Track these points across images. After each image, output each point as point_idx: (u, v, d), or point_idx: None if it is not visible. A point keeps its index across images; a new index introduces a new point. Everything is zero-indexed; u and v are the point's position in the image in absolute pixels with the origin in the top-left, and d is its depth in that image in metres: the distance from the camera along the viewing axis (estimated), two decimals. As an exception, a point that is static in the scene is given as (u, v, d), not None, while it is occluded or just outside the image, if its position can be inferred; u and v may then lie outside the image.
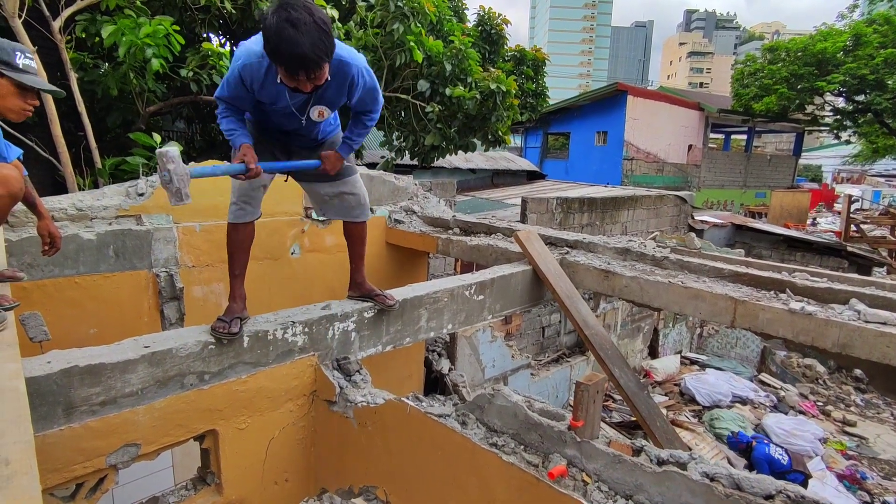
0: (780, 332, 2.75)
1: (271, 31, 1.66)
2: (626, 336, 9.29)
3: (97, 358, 1.78)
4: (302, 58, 1.67)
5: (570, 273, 3.63)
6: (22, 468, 1.14)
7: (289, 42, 1.63)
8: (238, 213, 2.26)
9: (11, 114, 1.74)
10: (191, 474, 3.27)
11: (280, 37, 1.63)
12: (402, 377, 5.68)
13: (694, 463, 1.60)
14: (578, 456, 1.75)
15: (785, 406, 8.92)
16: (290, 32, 1.62)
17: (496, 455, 1.84)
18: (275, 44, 1.67)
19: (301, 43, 1.63)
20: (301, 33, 1.63)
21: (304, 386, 2.37)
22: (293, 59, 1.67)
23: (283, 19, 1.62)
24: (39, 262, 3.31)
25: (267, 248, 4.33)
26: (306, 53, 1.66)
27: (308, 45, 1.65)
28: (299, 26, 1.62)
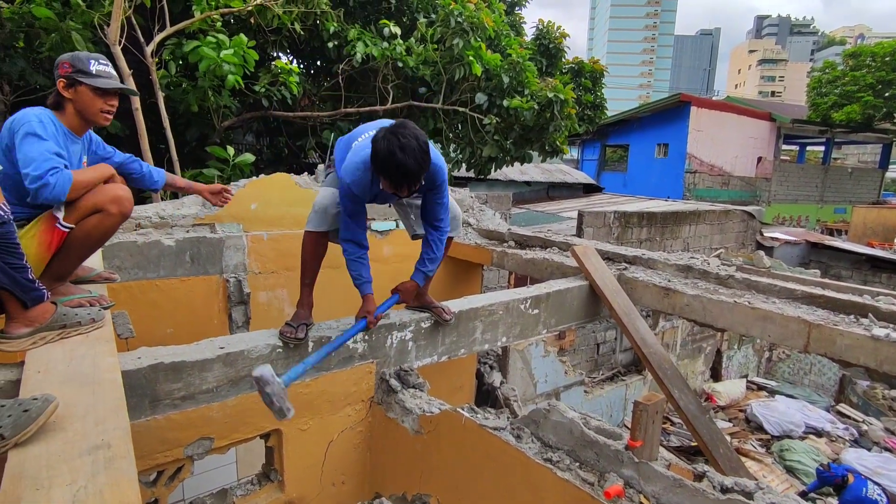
0: (861, 360, 2.57)
1: (383, 152, 1.91)
2: (686, 356, 8.88)
3: (179, 356, 1.93)
4: (408, 175, 1.93)
5: (627, 290, 3.55)
6: (121, 452, 1.27)
7: (398, 165, 1.90)
8: (317, 222, 2.32)
9: (97, 117, 1.91)
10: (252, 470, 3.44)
11: (392, 159, 1.89)
12: (454, 388, 5.71)
13: (761, 493, 1.53)
14: (636, 477, 1.72)
15: (867, 441, 8.19)
16: (398, 156, 1.88)
17: (550, 470, 1.83)
18: (386, 164, 1.92)
19: (409, 165, 1.90)
20: (408, 157, 1.89)
21: (362, 391, 2.45)
22: (401, 177, 1.94)
23: (396, 146, 1.89)
24: (126, 265, 3.62)
25: (328, 258, 4.49)
26: (412, 171, 1.92)
27: (414, 166, 1.91)
28: (407, 151, 1.89)
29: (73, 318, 1.76)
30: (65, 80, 1.85)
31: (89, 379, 1.56)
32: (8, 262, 1.52)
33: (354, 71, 6.06)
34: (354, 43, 5.71)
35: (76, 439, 1.30)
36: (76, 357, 1.66)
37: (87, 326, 1.79)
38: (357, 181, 2.10)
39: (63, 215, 1.80)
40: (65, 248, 1.85)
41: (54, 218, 1.79)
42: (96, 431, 1.34)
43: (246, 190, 4.11)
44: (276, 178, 4.25)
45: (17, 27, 4.37)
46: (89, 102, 1.88)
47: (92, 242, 1.91)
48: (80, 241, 1.86)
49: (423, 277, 2.44)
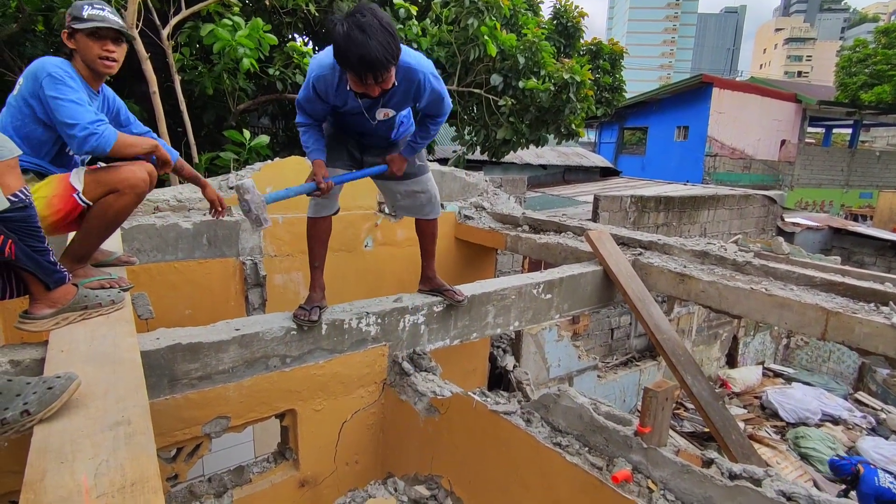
0: (881, 349, 2.52)
1: (340, 36, 1.73)
2: (702, 342, 8.81)
3: (196, 337, 1.98)
4: (370, 61, 1.72)
5: (642, 275, 3.52)
6: (140, 429, 1.31)
7: (357, 45, 1.69)
8: (316, 208, 2.39)
9: (97, 64, 1.85)
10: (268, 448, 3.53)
11: (349, 41, 1.71)
12: (466, 371, 5.76)
13: (770, 480, 1.52)
14: (644, 462, 1.73)
15: (885, 430, 8.09)
16: (357, 36, 1.69)
17: (560, 455, 1.85)
18: (344, 48, 1.74)
19: (369, 46, 1.69)
20: (369, 37, 1.69)
21: (375, 374, 2.49)
22: (362, 62, 1.73)
23: (352, 24, 1.70)
24: (146, 247, 3.69)
25: (342, 241, 4.54)
26: (374, 56, 1.71)
27: (375, 47, 1.70)
28: (367, 30, 1.69)
29: (93, 300, 1.81)
30: (67, 31, 1.83)
31: (110, 358, 1.61)
32: (30, 245, 1.57)
33: (369, 53, 6.01)
34: (369, 24, 5.65)
35: (98, 416, 1.35)
36: (97, 337, 1.71)
37: (108, 308, 1.84)
38: (322, 77, 1.95)
39: (82, 188, 1.79)
40: (83, 229, 1.88)
41: (72, 188, 1.78)
42: (117, 409, 1.39)
43: (261, 173, 4.14)
44: (290, 161, 4.27)
45: (37, 11, 4.42)
46: (86, 49, 1.83)
47: (108, 222, 1.90)
48: (97, 220, 1.87)
49: (412, 151, 2.33)
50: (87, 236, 1.91)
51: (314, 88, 2.03)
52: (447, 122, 7.22)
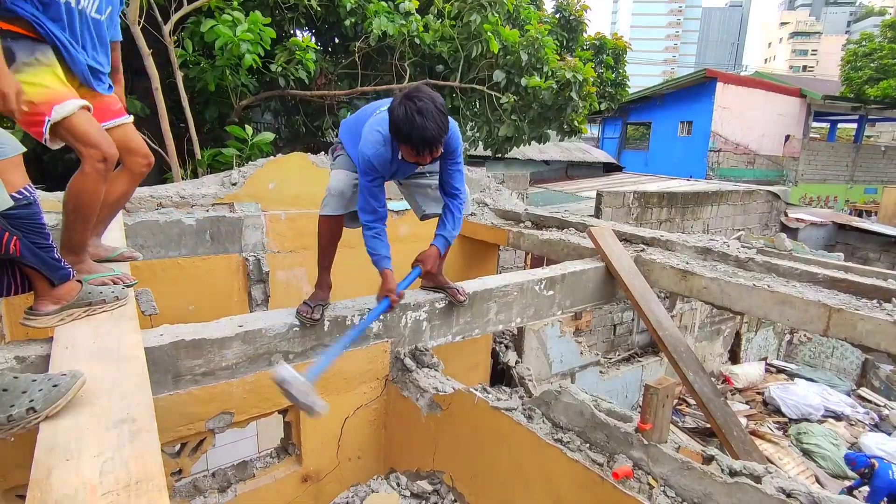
0: (883, 346, 2.52)
1: (401, 119, 1.91)
2: (705, 339, 8.81)
3: (200, 333, 1.99)
4: (429, 140, 1.93)
5: (644, 271, 3.52)
6: (144, 426, 1.33)
7: (419, 129, 1.90)
8: (331, 206, 2.32)
9: None
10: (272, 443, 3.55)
11: (412, 125, 1.90)
12: (469, 367, 5.77)
13: (769, 477, 1.53)
14: (645, 459, 1.73)
15: (888, 426, 8.08)
16: (418, 120, 1.89)
17: (561, 451, 1.86)
18: (406, 131, 1.92)
19: (429, 128, 1.90)
20: (426, 119, 1.89)
21: (377, 370, 2.50)
22: (422, 142, 1.93)
23: (413, 110, 1.89)
24: (149, 243, 3.71)
25: (344, 237, 4.54)
26: (432, 135, 1.92)
27: (433, 128, 1.91)
28: (425, 114, 1.89)
29: (97, 296, 1.82)
30: None
31: (114, 355, 1.62)
32: (35, 242, 1.58)
33: (371, 48, 6.00)
34: (371, 19, 5.64)
35: (103, 413, 1.36)
36: (102, 334, 1.72)
37: (112, 304, 1.85)
38: (378, 155, 2.09)
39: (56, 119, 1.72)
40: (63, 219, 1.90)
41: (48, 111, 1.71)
42: (121, 406, 1.40)
43: (264, 170, 4.14)
44: (292, 157, 4.27)
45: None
46: None
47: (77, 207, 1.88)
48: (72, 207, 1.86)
49: (444, 243, 2.40)
50: (72, 225, 1.91)
51: (374, 165, 2.11)
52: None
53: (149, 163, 2.18)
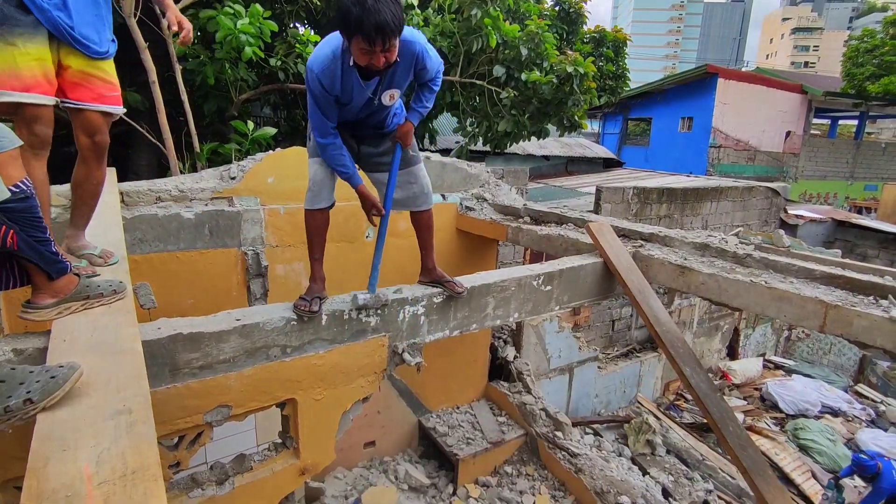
0: (879, 342, 2.53)
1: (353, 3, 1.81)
2: (703, 334, 8.83)
3: (197, 327, 2.00)
4: (382, 25, 1.81)
5: (643, 267, 3.52)
6: (141, 418, 1.33)
7: (370, 11, 1.79)
8: (313, 200, 2.37)
9: None
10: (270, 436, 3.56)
11: (363, 9, 1.79)
12: (468, 361, 5.80)
13: None
14: None
15: (884, 422, 8.12)
16: (371, 4, 1.79)
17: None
18: (357, 14, 1.81)
19: (382, 11, 1.80)
20: (380, 3, 1.80)
21: (375, 364, 2.51)
22: (376, 28, 1.81)
23: None
24: (148, 237, 3.71)
25: (343, 232, 4.55)
26: (386, 20, 1.81)
27: (388, 13, 1.81)
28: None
29: (95, 290, 1.82)
30: None
31: (112, 348, 1.63)
32: (32, 236, 1.58)
33: (371, 43, 5.97)
34: (371, 14, 5.61)
35: (99, 405, 1.37)
36: (99, 327, 1.73)
37: (109, 297, 1.85)
38: (326, 70, 2.01)
39: None
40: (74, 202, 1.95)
41: None
42: (118, 398, 1.41)
43: (262, 164, 4.14)
44: (291, 151, 4.27)
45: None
46: None
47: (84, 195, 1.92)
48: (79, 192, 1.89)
49: (418, 116, 2.38)
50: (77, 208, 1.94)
51: (321, 84, 2.05)
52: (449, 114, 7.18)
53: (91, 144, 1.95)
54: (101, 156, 1.99)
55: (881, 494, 4.99)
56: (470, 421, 5.70)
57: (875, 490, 5.03)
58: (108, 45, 1.91)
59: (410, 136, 2.40)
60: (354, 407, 2.48)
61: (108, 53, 1.90)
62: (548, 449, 5.41)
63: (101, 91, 1.88)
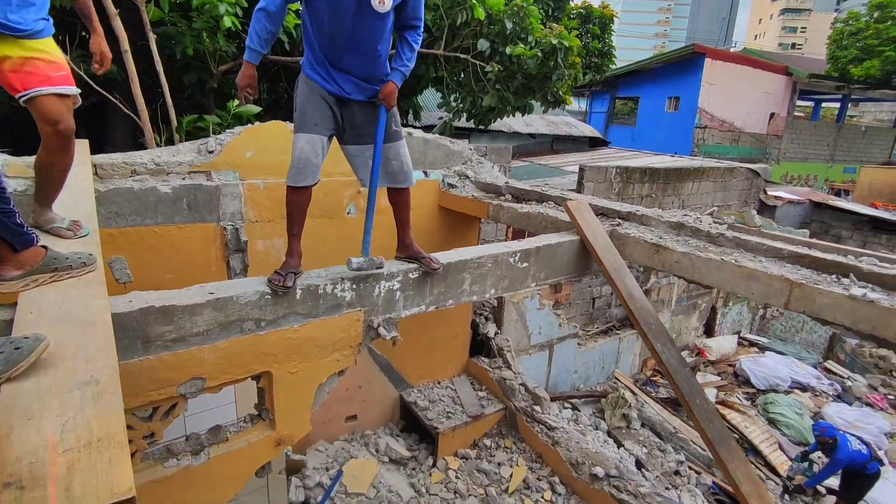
0: (838, 319, 2.62)
1: None
2: (681, 312, 9.02)
3: (170, 300, 2.00)
4: None
5: (619, 245, 3.58)
6: (109, 388, 1.34)
7: None
8: (297, 177, 2.33)
9: None
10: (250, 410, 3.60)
11: None
12: (448, 337, 5.87)
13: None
14: None
15: (850, 396, 8.44)
16: None
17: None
18: None
19: None
20: None
21: (350, 338, 2.54)
22: None
23: None
24: (125, 211, 3.65)
25: (324, 208, 4.52)
26: None
27: None
28: None
29: (63, 262, 1.80)
30: None
31: (80, 320, 1.62)
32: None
33: (354, 14, 5.84)
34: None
35: (66, 376, 1.37)
36: (68, 299, 1.72)
37: (79, 270, 1.83)
38: None
39: None
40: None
41: None
42: (86, 369, 1.41)
43: (241, 138, 4.08)
44: (271, 125, 4.20)
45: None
46: None
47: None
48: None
49: (401, 76, 2.38)
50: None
51: None
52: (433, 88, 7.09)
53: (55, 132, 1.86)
54: (68, 143, 1.91)
55: (837, 465, 5.25)
56: (450, 395, 5.80)
57: (832, 461, 5.29)
58: (43, 25, 1.82)
59: (394, 97, 2.37)
60: (330, 380, 2.52)
61: (43, 32, 1.82)
62: (526, 422, 5.54)
63: (46, 73, 1.80)
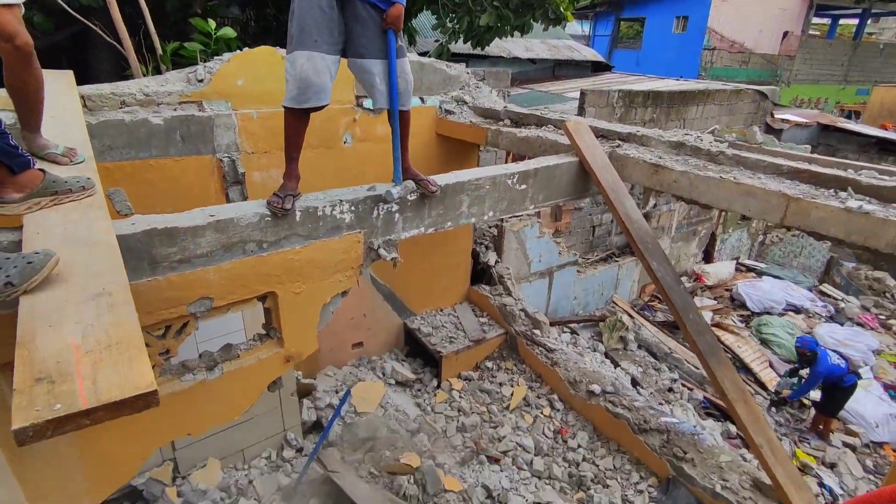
0: (832, 232, 2.65)
1: None
2: (681, 239, 9.08)
3: (172, 223, 2.04)
4: None
5: (618, 167, 3.56)
6: (122, 300, 1.41)
7: None
8: (298, 98, 2.22)
9: None
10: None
11: None
12: (450, 266, 5.97)
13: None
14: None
15: (842, 317, 8.68)
16: None
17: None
18: None
19: None
20: None
21: (351, 260, 2.60)
22: None
23: None
24: (117, 144, 3.62)
25: (321, 136, 4.46)
26: None
27: None
28: None
29: (63, 186, 1.82)
30: None
31: (86, 240, 1.67)
32: (-13, 128, 1.55)
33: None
34: None
35: (79, 289, 1.44)
36: (71, 221, 1.76)
37: (78, 193, 1.86)
38: None
39: None
40: None
41: None
42: (97, 283, 1.47)
43: (230, 65, 3.96)
44: (260, 51, 4.06)
45: None
46: None
47: None
48: None
49: None
50: None
51: None
52: (429, 11, 6.75)
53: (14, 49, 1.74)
54: (28, 59, 1.79)
55: (817, 377, 5.54)
56: (453, 322, 5.99)
57: (812, 374, 5.58)
58: None
59: (401, 21, 2.26)
60: (334, 300, 2.61)
61: None
62: (526, 345, 5.75)
63: None
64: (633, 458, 4.70)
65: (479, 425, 5.08)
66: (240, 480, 4.25)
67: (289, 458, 4.54)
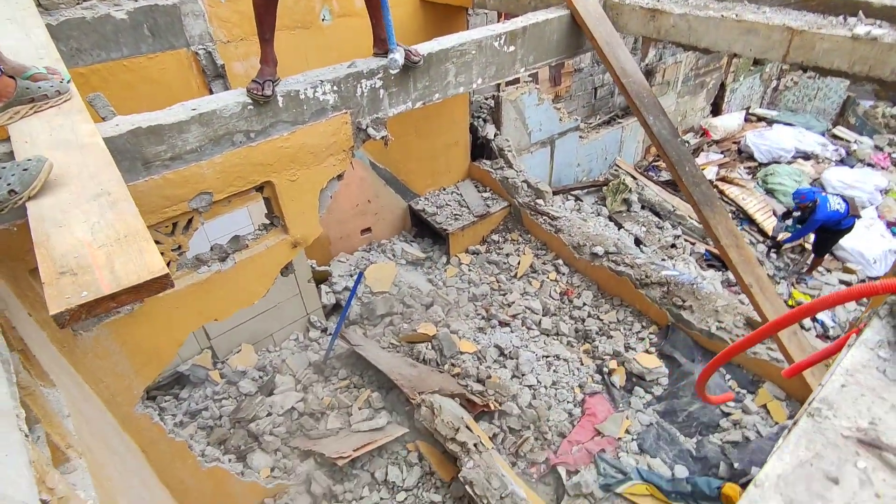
0: (836, 65, 2.54)
1: None
2: (688, 93, 8.70)
3: (155, 120, 2.03)
4: None
5: (613, 16, 3.33)
6: (121, 196, 1.47)
7: None
8: None
9: None
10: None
11: None
12: (448, 144, 5.90)
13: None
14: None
15: (852, 160, 8.55)
16: None
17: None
18: None
19: None
20: None
21: (341, 142, 2.59)
22: None
23: None
24: (85, 46, 3.45)
25: (296, 17, 4.18)
26: None
27: None
28: None
29: (37, 91, 1.80)
30: None
31: (73, 144, 1.69)
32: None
33: None
34: None
35: (79, 191, 1.50)
36: (55, 127, 1.76)
37: (55, 98, 1.84)
38: None
39: None
40: None
41: None
42: (94, 183, 1.53)
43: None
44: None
45: None
46: None
47: None
48: None
49: None
50: None
51: None
52: None
53: None
54: None
55: (813, 224, 5.58)
56: (456, 199, 6.07)
57: (809, 221, 5.60)
58: None
59: None
60: (331, 184, 2.65)
61: None
62: (530, 216, 5.87)
63: None
64: (635, 310, 5.02)
65: (489, 294, 5.39)
66: (273, 360, 4.69)
67: (315, 337, 4.94)
